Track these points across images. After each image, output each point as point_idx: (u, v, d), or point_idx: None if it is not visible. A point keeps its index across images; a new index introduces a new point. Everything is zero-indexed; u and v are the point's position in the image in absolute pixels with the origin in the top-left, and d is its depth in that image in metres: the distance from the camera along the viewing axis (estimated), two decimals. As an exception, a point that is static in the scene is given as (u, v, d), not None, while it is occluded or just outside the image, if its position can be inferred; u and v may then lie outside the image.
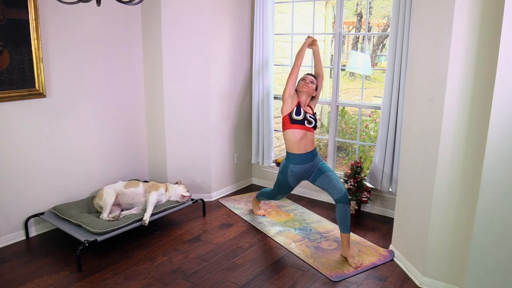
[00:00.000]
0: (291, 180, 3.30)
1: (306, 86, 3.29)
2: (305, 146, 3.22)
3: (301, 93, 3.30)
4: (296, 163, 3.23)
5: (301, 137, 3.20)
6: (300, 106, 3.24)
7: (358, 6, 8.67)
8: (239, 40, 4.39)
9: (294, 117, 3.20)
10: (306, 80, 3.33)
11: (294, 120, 3.20)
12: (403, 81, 3.51)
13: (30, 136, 3.36)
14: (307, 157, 3.23)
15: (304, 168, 3.24)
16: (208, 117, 4.19)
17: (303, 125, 3.21)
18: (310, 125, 3.23)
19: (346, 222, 3.12)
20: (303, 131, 3.21)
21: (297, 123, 3.20)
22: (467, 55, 2.41)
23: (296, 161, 3.23)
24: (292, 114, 3.21)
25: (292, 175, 3.28)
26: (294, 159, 3.24)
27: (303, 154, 3.21)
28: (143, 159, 4.35)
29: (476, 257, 2.39)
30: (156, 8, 3.94)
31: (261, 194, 3.79)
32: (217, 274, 2.96)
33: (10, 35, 3.11)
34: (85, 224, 3.13)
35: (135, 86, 4.15)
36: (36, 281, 2.83)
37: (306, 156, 3.22)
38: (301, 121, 3.20)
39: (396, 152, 3.67)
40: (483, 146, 2.30)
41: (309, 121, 3.23)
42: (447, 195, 2.62)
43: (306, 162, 3.23)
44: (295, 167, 3.24)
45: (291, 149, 3.25)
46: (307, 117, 3.22)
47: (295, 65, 3.33)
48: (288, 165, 3.26)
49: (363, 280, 2.90)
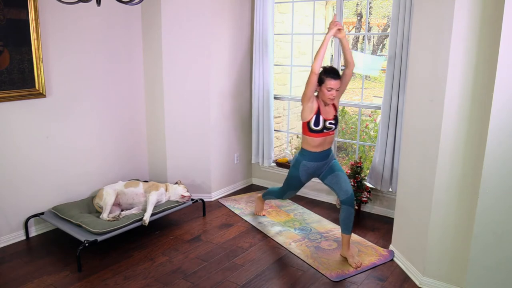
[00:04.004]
0: (302, 175, 3.22)
1: (333, 97, 3.01)
2: (322, 147, 3.13)
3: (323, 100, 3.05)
4: (309, 160, 3.15)
5: (321, 142, 3.10)
6: (319, 114, 3.03)
7: (358, 6, 8.67)
8: (239, 40, 4.39)
9: (312, 127, 3.04)
10: (333, 88, 2.97)
11: (312, 129, 3.05)
12: (403, 81, 3.51)
13: (30, 136, 3.36)
14: (322, 155, 3.15)
15: (317, 165, 3.17)
16: (208, 117, 4.19)
17: (321, 133, 3.06)
18: (329, 130, 3.09)
19: (349, 224, 3.11)
20: (321, 138, 3.08)
21: (315, 132, 3.05)
22: (467, 55, 2.41)
23: (310, 158, 3.14)
24: (310, 124, 3.04)
25: (304, 171, 3.20)
26: (308, 155, 3.14)
27: (318, 152, 3.13)
28: (143, 159, 4.35)
29: (476, 257, 2.39)
30: (156, 8, 3.95)
31: (268, 193, 3.71)
32: (217, 274, 2.96)
33: (10, 35, 3.11)
34: (85, 224, 3.13)
35: (135, 86, 4.15)
36: (36, 281, 2.83)
37: (321, 154, 3.14)
38: (319, 130, 3.05)
39: (396, 152, 3.67)
40: (483, 146, 2.30)
41: (328, 128, 3.08)
42: (447, 195, 2.62)
43: (320, 160, 3.15)
44: (308, 163, 3.16)
45: (308, 148, 3.13)
46: (326, 126, 3.05)
47: (314, 75, 2.92)
48: (301, 161, 3.17)
49: (363, 280, 2.90)
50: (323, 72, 2.99)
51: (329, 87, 2.96)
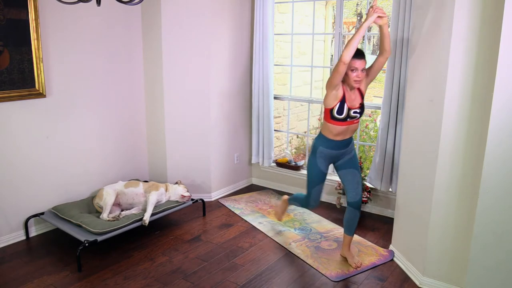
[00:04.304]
0: (320, 163, 3.00)
1: (358, 78, 2.78)
2: (344, 136, 2.92)
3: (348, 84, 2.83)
4: (326, 147, 2.94)
5: (343, 131, 2.89)
6: (344, 101, 2.81)
7: (358, 6, 8.67)
8: (239, 40, 4.39)
9: (335, 116, 2.83)
10: (358, 68, 2.76)
11: (335, 117, 2.84)
12: (403, 81, 3.51)
13: (30, 136, 3.36)
14: (342, 144, 2.95)
15: (336, 153, 2.98)
16: (208, 117, 4.19)
17: (344, 121, 2.85)
18: (353, 119, 2.88)
19: (352, 226, 3.08)
20: (344, 126, 2.87)
21: (337, 120, 2.85)
22: (467, 55, 2.41)
23: (328, 146, 2.94)
24: (333, 112, 2.83)
25: (321, 157, 2.98)
26: (326, 142, 2.94)
27: (338, 141, 2.93)
28: (143, 159, 4.35)
29: (476, 257, 2.39)
30: (156, 8, 3.95)
31: (294, 198, 3.43)
32: (217, 274, 2.96)
33: (10, 35, 3.11)
34: (85, 224, 3.13)
35: (135, 86, 4.15)
36: (36, 281, 2.83)
37: (342, 143, 2.94)
38: (342, 119, 2.84)
39: (396, 152, 3.67)
40: (483, 146, 2.30)
41: (352, 117, 2.86)
42: (447, 195, 2.62)
43: (339, 148, 2.96)
44: (325, 150, 2.96)
45: (328, 135, 2.92)
46: (350, 114, 2.84)
47: (343, 64, 2.66)
48: (318, 146, 2.97)
49: (363, 280, 2.90)
50: None
51: (353, 66, 2.74)
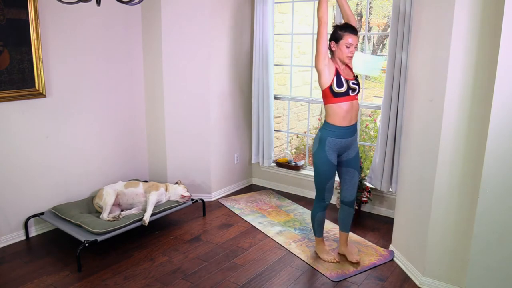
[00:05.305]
0: (330, 154, 2.88)
1: (351, 54, 2.78)
2: (350, 119, 2.86)
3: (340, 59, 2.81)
4: (336, 136, 2.85)
5: (348, 109, 2.82)
6: (339, 75, 2.79)
7: (358, 6, 8.67)
8: (239, 40, 4.39)
9: (336, 90, 2.77)
10: (353, 44, 2.76)
11: (337, 93, 2.78)
12: (403, 81, 3.51)
13: (30, 136, 3.36)
14: (349, 131, 2.89)
15: (345, 142, 2.90)
16: (208, 117, 4.19)
17: (347, 95, 2.80)
18: (354, 93, 2.83)
19: (348, 223, 3.13)
20: (349, 102, 2.81)
21: (340, 95, 2.78)
22: (467, 55, 2.41)
23: (337, 135, 2.85)
24: (333, 87, 2.77)
25: (331, 149, 2.88)
26: (335, 131, 2.85)
27: (346, 127, 2.86)
28: (143, 159, 4.35)
29: (476, 257, 2.39)
30: (156, 8, 3.95)
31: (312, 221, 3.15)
32: (217, 274, 2.96)
33: (10, 35, 3.11)
34: (85, 224, 3.13)
35: (135, 86, 4.15)
36: (36, 281, 2.83)
37: (348, 129, 2.88)
38: (345, 92, 2.79)
39: (396, 152, 3.67)
40: (483, 146, 2.30)
41: (353, 89, 2.82)
42: (447, 195, 2.62)
43: (346, 136, 2.88)
44: (335, 140, 2.86)
45: (334, 121, 2.84)
46: (350, 86, 2.80)
47: (322, 24, 2.72)
48: (327, 137, 2.86)
49: (363, 280, 2.90)
50: (338, 28, 2.81)
51: (349, 42, 2.74)
